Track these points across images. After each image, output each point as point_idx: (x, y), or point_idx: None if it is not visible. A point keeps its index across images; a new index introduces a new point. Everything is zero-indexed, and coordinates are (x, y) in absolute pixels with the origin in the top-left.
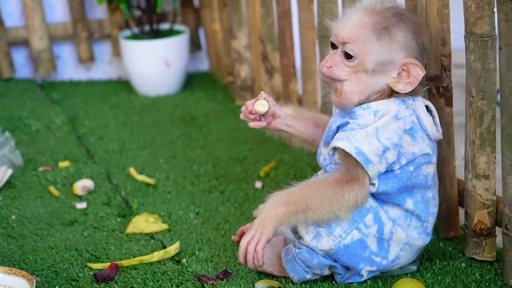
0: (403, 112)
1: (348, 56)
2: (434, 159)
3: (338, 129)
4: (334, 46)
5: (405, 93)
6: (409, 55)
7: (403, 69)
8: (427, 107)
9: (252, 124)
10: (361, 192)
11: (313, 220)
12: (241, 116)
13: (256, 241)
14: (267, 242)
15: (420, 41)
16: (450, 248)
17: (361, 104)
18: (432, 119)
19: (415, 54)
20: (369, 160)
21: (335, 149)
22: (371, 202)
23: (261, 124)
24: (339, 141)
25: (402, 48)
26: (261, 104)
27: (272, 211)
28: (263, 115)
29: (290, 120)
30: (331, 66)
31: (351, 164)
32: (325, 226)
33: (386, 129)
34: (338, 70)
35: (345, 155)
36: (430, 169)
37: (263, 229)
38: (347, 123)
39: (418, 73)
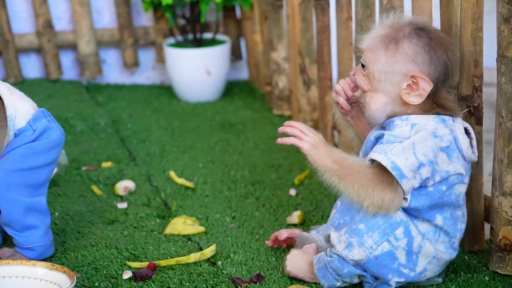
0: (442, 131)
1: (362, 65)
2: (466, 179)
3: (376, 140)
4: (359, 58)
5: (446, 113)
6: (420, 68)
7: (412, 81)
8: (466, 129)
9: (341, 100)
10: (391, 197)
11: (341, 190)
12: (338, 88)
13: (299, 138)
14: (302, 149)
15: (436, 55)
16: (475, 262)
17: (400, 115)
18: (469, 141)
19: (426, 68)
20: (403, 175)
21: (372, 160)
22: (402, 216)
23: (348, 106)
24: (376, 154)
25: (410, 60)
26: None
27: (323, 155)
28: (350, 97)
29: (359, 114)
30: (354, 74)
31: (388, 171)
32: (357, 237)
33: (423, 145)
34: (359, 78)
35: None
36: (462, 189)
37: (309, 145)
38: (383, 134)
39: (425, 86)
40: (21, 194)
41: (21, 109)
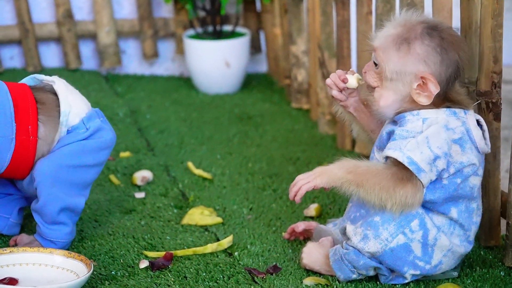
0: (453, 123)
1: (375, 63)
2: (480, 171)
3: (388, 135)
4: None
5: (457, 106)
6: (430, 69)
7: (422, 82)
8: (478, 121)
9: (335, 93)
10: (413, 192)
11: (361, 198)
12: (329, 81)
13: (306, 181)
14: (312, 189)
15: (448, 56)
16: (490, 257)
17: (410, 111)
18: (482, 132)
19: (437, 69)
20: (421, 168)
21: (386, 158)
22: (417, 208)
23: (342, 96)
24: (391, 151)
25: (421, 60)
26: (357, 78)
27: (335, 170)
28: (343, 89)
29: (360, 105)
30: (365, 72)
31: (404, 167)
32: (372, 229)
33: (437, 138)
34: (369, 76)
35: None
36: (477, 181)
37: (318, 178)
38: (394, 131)
39: (433, 89)
40: (64, 192)
41: (76, 106)
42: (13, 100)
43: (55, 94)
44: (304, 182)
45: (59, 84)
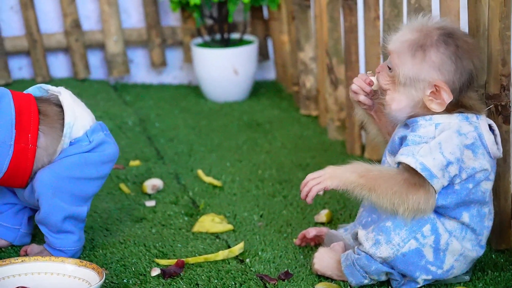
0: (466, 128)
1: (389, 67)
2: (492, 176)
3: (401, 140)
4: (386, 56)
5: (470, 111)
6: (443, 77)
7: (436, 89)
8: (490, 126)
9: (362, 98)
10: (426, 198)
11: (373, 202)
12: (354, 87)
13: (317, 182)
14: (323, 190)
15: (462, 64)
16: (502, 260)
17: (422, 115)
18: (494, 137)
19: (451, 77)
20: (433, 174)
21: (398, 163)
22: (429, 214)
23: (369, 101)
24: (404, 157)
25: (436, 68)
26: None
27: (347, 174)
28: (369, 93)
29: (380, 107)
30: (379, 72)
31: (417, 173)
32: (384, 234)
33: (449, 144)
34: (382, 77)
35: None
36: (488, 186)
37: (329, 180)
38: (406, 136)
39: (446, 97)
40: (65, 201)
41: (81, 118)
42: (16, 108)
43: (60, 106)
44: (315, 182)
45: (65, 96)
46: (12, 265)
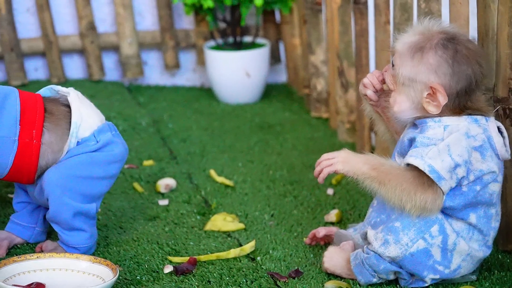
0: (474, 130)
1: (392, 65)
2: (500, 178)
3: (410, 142)
4: None
5: (478, 113)
6: (440, 80)
7: (432, 91)
8: (498, 128)
9: (369, 93)
10: (433, 198)
11: (381, 195)
12: (366, 81)
13: (330, 164)
14: (333, 173)
15: (460, 69)
16: (508, 260)
17: (432, 117)
18: (502, 140)
19: (448, 81)
20: (441, 177)
21: (408, 164)
22: (437, 214)
23: (375, 96)
24: (413, 158)
25: (432, 71)
26: None
27: (359, 164)
28: (379, 90)
29: (388, 105)
30: (385, 71)
31: (426, 174)
32: (393, 234)
33: (458, 146)
34: (387, 76)
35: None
36: (496, 188)
37: (341, 163)
38: (415, 138)
39: (441, 100)
40: (73, 199)
41: (88, 119)
42: (22, 105)
43: (69, 106)
44: (327, 163)
45: (73, 96)
46: (27, 261)
